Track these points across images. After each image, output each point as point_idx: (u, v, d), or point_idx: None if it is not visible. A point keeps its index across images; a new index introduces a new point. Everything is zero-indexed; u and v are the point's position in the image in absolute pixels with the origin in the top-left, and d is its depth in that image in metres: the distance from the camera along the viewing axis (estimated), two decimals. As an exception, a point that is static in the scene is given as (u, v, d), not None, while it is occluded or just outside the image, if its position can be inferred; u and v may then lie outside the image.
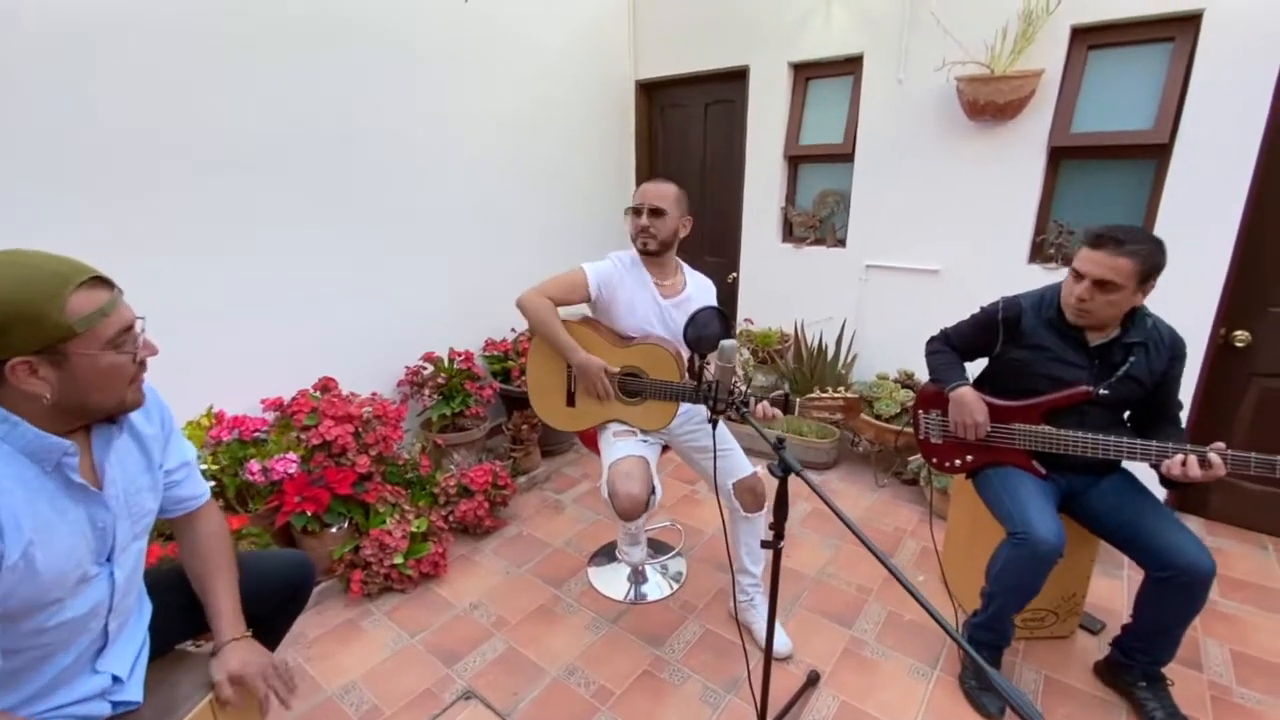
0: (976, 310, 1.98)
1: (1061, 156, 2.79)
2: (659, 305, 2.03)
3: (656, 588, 2.38)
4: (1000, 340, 1.89)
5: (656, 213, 1.96)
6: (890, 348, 3.34)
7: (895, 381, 3.16)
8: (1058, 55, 2.66)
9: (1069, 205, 2.84)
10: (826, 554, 2.58)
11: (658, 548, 2.60)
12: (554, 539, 2.69)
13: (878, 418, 2.97)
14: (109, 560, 1.14)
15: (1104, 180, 2.75)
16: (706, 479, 2.16)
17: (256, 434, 2.38)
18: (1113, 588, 2.37)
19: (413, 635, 2.15)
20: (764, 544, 1.49)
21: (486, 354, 3.27)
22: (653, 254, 2.00)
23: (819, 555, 2.57)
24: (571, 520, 2.82)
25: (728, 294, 3.97)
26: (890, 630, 2.18)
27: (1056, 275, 2.76)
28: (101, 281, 1.04)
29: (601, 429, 2.08)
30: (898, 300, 3.29)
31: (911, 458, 3.03)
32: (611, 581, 2.40)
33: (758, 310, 3.82)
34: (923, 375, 3.17)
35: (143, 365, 1.14)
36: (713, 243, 4.09)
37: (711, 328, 1.67)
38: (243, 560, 1.48)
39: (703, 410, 1.99)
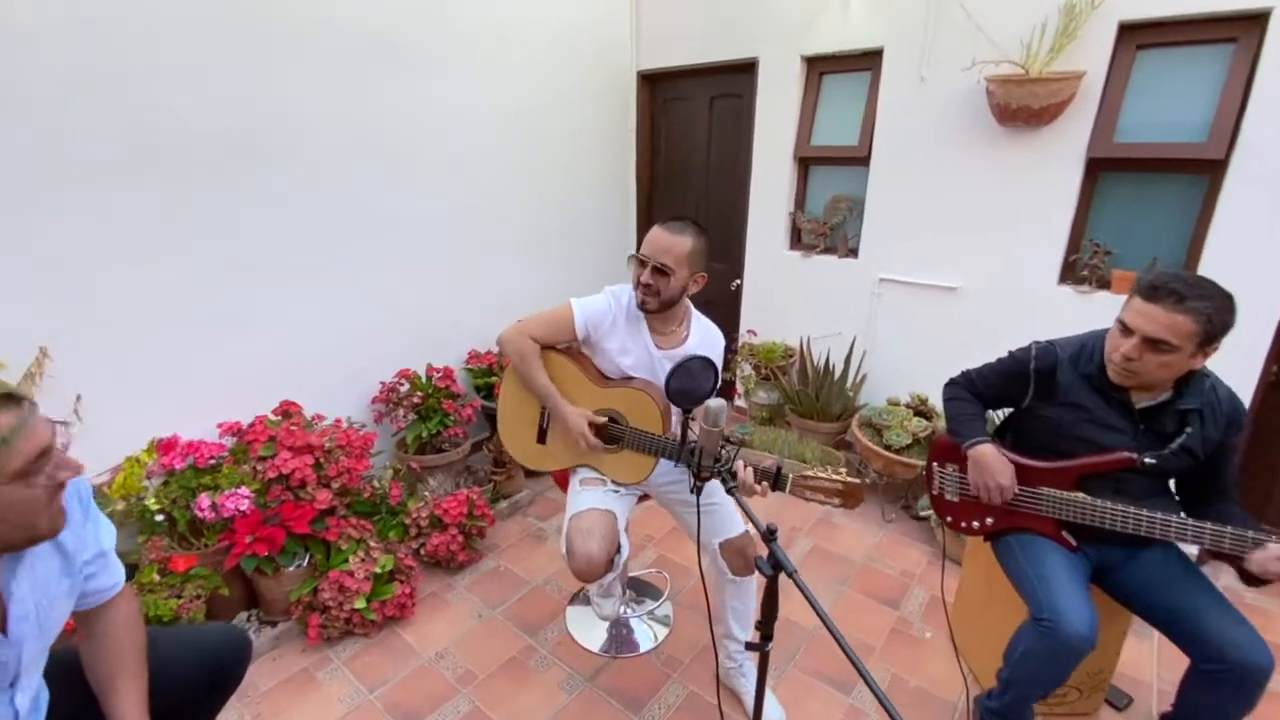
0: (1004, 355, 1.75)
1: (1101, 168, 2.52)
2: (652, 356, 1.79)
3: (640, 637, 2.19)
4: (1030, 394, 1.66)
5: (662, 272, 1.69)
6: (903, 369, 3.11)
7: (907, 407, 2.93)
8: (1102, 55, 2.38)
9: (1106, 222, 2.58)
10: (828, 600, 2.38)
11: (642, 589, 2.41)
12: (533, 575, 2.50)
13: (887, 448, 2.75)
14: (11, 686, 1.00)
15: (1147, 196, 2.48)
16: (691, 535, 1.95)
17: (212, 461, 2.20)
18: (1142, 652, 2.15)
19: (371, 690, 1.98)
20: (749, 645, 1.29)
21: (469, 367, 3.07)
22: (651, 312, 1.76)
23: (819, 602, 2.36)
24: (553, 553, 2.62)
25: (730, 302, 3.73)
26: (894, 698, 1.98)
27: (1088, 299, 2.53)
28: (8, 400, 0.85)
29: (571, 472, 1.88)
30: (913, 318, 3.05)
31: (924, 496, 2.80)
32: (590, 629, 2.22)
33: (761, 321, 3.59)
34: (938, 402, 2.96)
35: (61, 486, 0.96)
36: (716, 247, 3.82)
37: (700, 382, 1.46)
38: (159, 641, 1.31)
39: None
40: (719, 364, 1.90)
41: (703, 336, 1.86)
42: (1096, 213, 2.59)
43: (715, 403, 1.32)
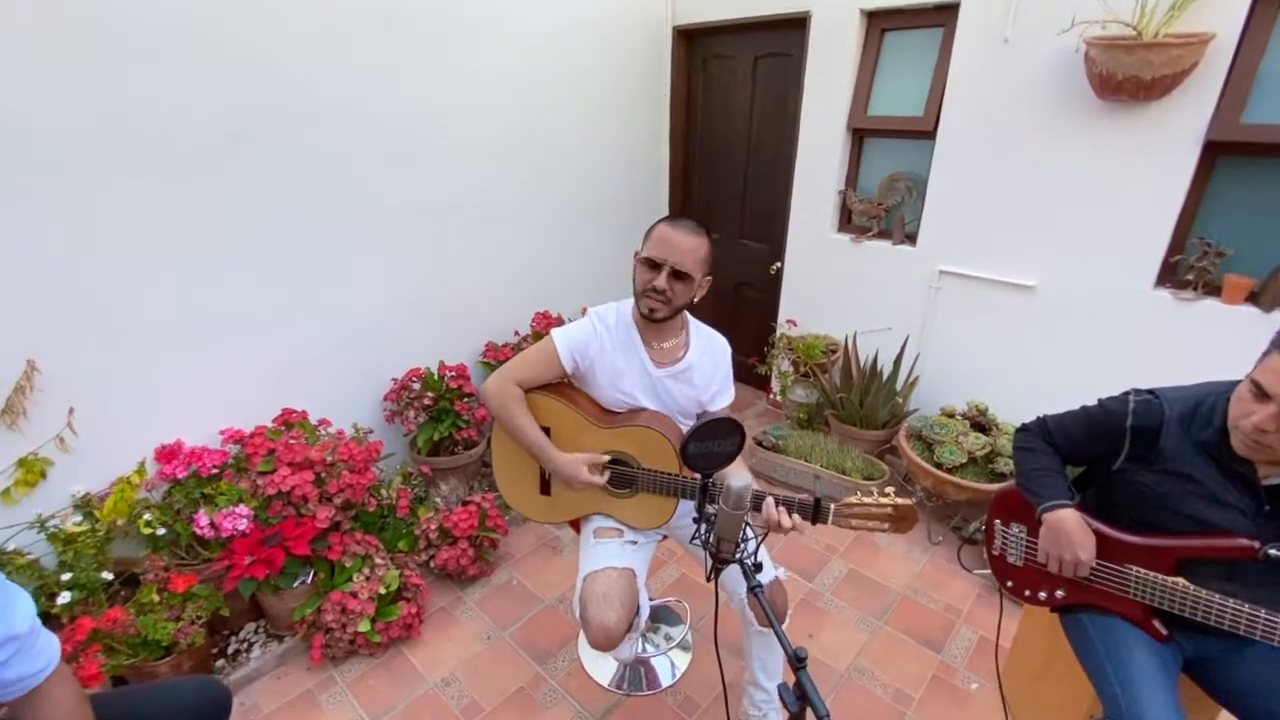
0: (1093, 404, 1.45)
1: (1221, 153, 2.10)
2: (650, 376, 1.58)
3: (659, 667, 2.05)
4: (1124, 455, 1.37)
5: (681, 277, 1.46)
6: (961, 376, 2.79)
7: (964, 418, 2.64)
8: (1235, 15, 1.94)
9: (1221, 218, 2.17)
10: (862, 637, 2.18)
11: (660, 615, 2.26)
12: (546, 592, 2.37)
13: (938, 466, 2.48)
14: None
15: (1277, 190, 2.06)
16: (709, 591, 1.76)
17: (215, 470, 2.11)
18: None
19: (374, 719, 1.90)
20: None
21: (486, 361, 2.89)
22: (659, 321, 1.53)
23: (853, 640, 2.17)
24: (568, 567, 2.49)
25: (769, 287, 3.43)
26: (932, 763, 1.79)
27: (1189, 308, 2.17)
28: None
29: (585, 521, 1.70)
30: (976, 318, 2.71)
31: (981, 521, 2.54)
32: (603, 660, 2.08)
33: (802, 311, 3.29)
34: (999, 413, 2.66)
35: None
36: (755, 225, 3.53)
37: (723, 448, 1.23)
38: (123, 709, 1.20)
39: None
40: (729, 369, 1.68)
41: (705, 348, 1.63)
42: (1209, 206, 2.18)
43: (739, 482, 1.10)
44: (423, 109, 2.48)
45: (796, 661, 0.99)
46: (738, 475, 1.11)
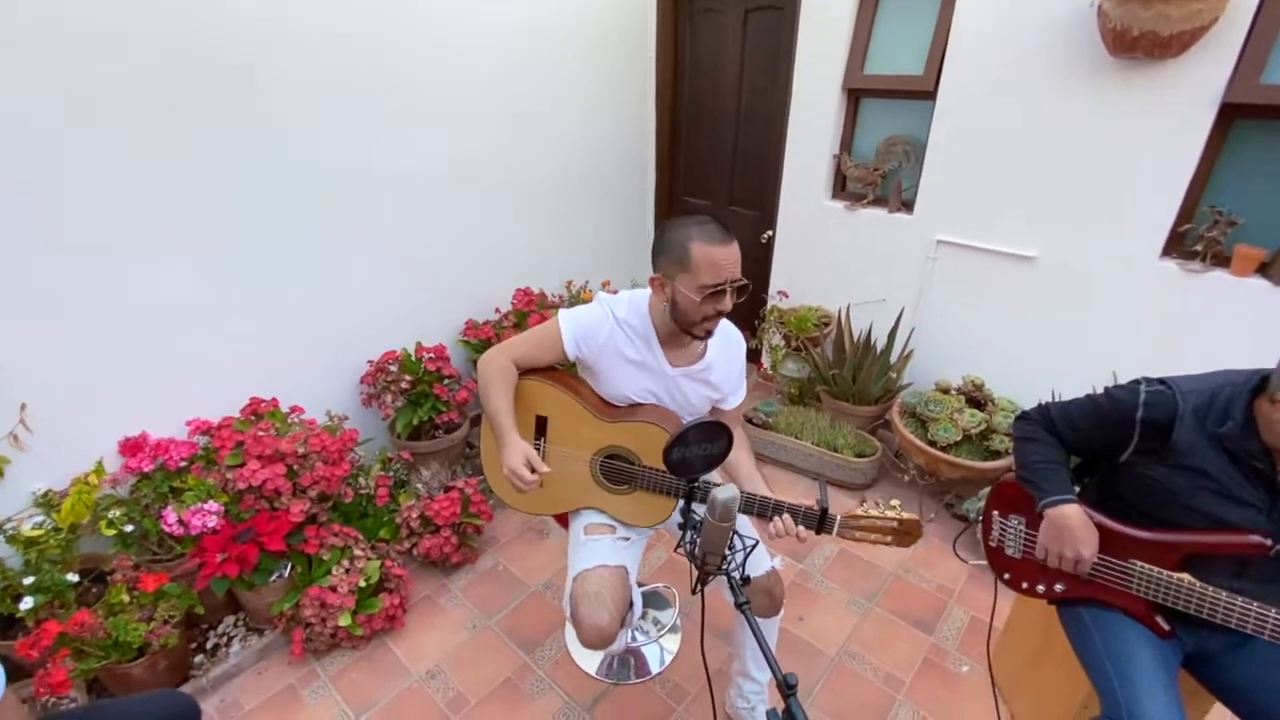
0: (1099, 392, 1.38)
1: (1237, 116, 1.98)
2: (666, 376, 1.48)
3: (649, 655, 2.02)
4: (1132, 448, 1.30)
5: (740, 288, 1.37)
6: (957, 350, 2.71)
7: (959, 393, 2.57)
8: (1264, -38, 1.80)
9: (1235, 185, 2.07)
10: (852, 620, 2.16)
11: (648, 600, 2.22)
12: (532, 578, 2.33)
13: (932, 444, 2.42)
14: None
15: (1297, 155, 1.96)
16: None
17: (183, 463, 2.02)
18: None
19: (357, 715, 1.86)
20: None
21: (466, 340, 2.78)
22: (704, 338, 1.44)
23: (843, 622, 2.14)
24: (554, 551, 2.44)
25: (759, 257, 3.31)
26: (922, 748, 1.78)
27: (1196, 280, 2.09)
28: None
29: (574, 515, 1.62)
30: (975, 290, 2.61)
31: (978, 496, 2.50)
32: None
33: (794, 282, 3.17)
34: (995, 388, 2.59)
35: None
36: (746, 191, 3.38)
37: (711, 450, 1.15)
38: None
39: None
40: (744, 365, 1.61)
41: (722, 343, 1.54)
42: (1222, 173, 2.07)
43: (725, 493, 1.02)
44: (389, 74, 2.31)
45: (786, 688, 0.93)
46: (724, 485, 1.03)
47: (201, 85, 1.91)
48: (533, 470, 1.33)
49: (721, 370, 1.53)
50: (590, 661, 2.01)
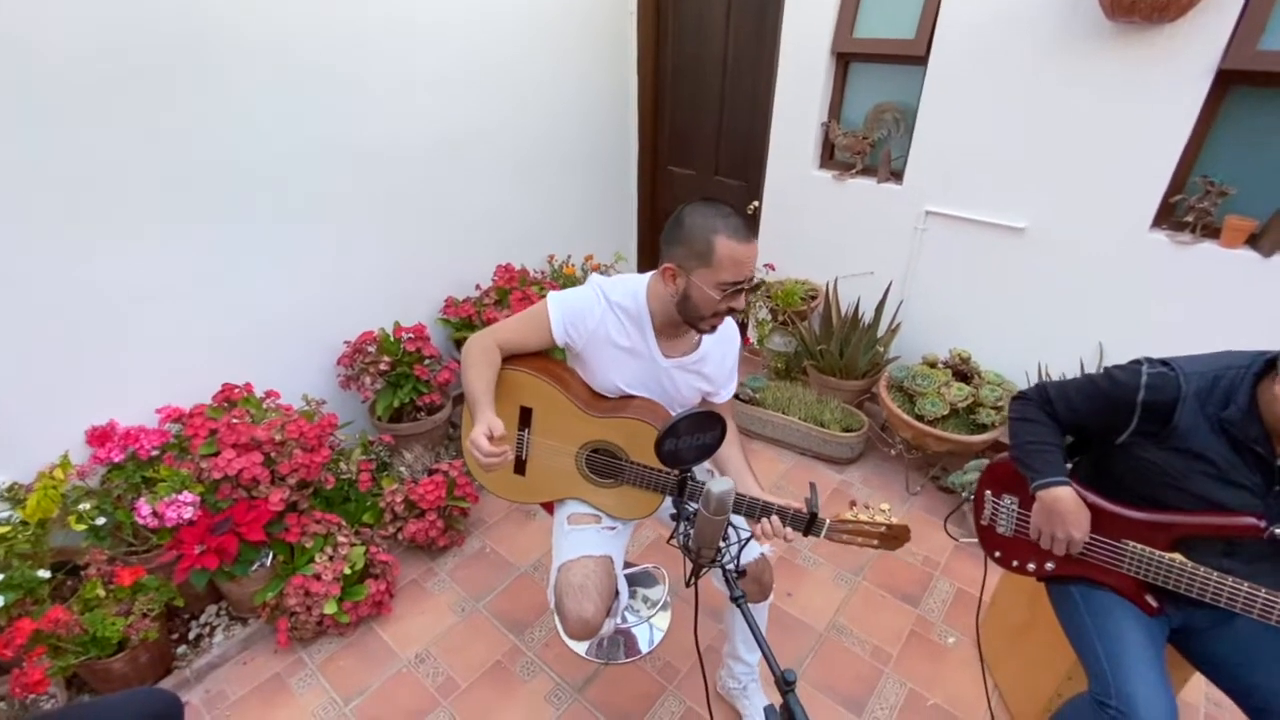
0: (1099, 372, 1.36)
1: (1233, 82, 1.94)
2: (658, 366, 1.44)
3: (638, 634, 2.02)
4: (1131, 430, 1.29)
5: (755, 289, 1.31)
6: (945, 323, 2.69)
7: (946, 366, 2.56)
8: (1269, -80, 1.73)
9: (1227, 155, 2.04)
10: (840, 594, 2.17)
11: (636, 579, 2.21)
12: (520, 558, 2.31)
13: (919, 419, 2.42)
14: None
15: (1292, 124, 1.93)
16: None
17: (155, 451, 1.95)
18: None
19: (346, 702, 1.85)
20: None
21: (446, 318, 2.70)
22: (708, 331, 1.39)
23: (831, 597, 2.16)
24: (542, 531, 2.42)
25: (747, 229, 3.24)
26: (909, 719, 1.81)
27: (1185, 252, 2.08)
28: None
29: (557, 504, 1.59)
30: (963, 262, 2.58)
31: (964, 470, 2.51)
32: (582, 629, 2.04)
33: (781, 255, 3.12)
34: (982, 361, 2.58)
35: None
36: (731, 161, 3.29)
37: (704, 439, 1.12)
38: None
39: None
40: (736, 358, 1.58)
41: (718, 334, 1.48)
42: (1215, 142, 2.04)
43: (719, 486, 0.99)
44: (359, 40, 2.17)
45: (784, 684, 0.91)
46: (719, 479, 1.00)
47: (162, 56, 1.77)
48: (494, 441, 1.22)
49: (714, 362, 1.49)
50: (580, 643, 2.01)
